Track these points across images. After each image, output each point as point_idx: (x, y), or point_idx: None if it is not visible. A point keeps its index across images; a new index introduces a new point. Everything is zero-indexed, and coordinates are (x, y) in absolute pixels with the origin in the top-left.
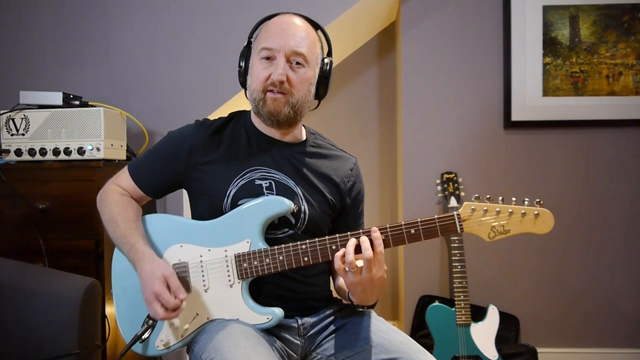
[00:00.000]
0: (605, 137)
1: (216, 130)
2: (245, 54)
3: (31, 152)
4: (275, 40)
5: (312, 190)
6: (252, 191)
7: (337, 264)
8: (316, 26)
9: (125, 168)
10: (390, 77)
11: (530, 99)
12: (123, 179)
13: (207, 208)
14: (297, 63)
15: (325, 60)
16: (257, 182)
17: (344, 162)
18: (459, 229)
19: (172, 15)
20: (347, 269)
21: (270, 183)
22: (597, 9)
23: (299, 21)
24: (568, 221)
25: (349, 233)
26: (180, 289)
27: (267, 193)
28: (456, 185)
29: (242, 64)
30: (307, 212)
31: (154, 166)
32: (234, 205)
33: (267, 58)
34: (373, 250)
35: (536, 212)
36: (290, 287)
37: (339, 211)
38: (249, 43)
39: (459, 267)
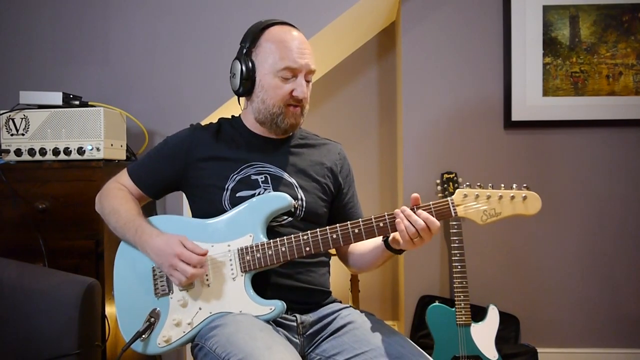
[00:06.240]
0: (605, 137)
1: (211, 131)
2: (245, 62)
3: (31, 152)
4: (297, 60)
5: (306, 178)
6: (249, 185)
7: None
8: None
9: (125, 170)
10: (390, 77)
11: (530, 99)
12: (123, 178)
13: (206, 203)
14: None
15: None
16: (253, 177)
17: (331, 148)
18: (453, 214)
19: (172, 16)
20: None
21: (265, 177)
22: (597, 9)
23: (301, 35)
24: (568, 221)
25: (348, 222)
26: (197, 246)
27: (263, 186)
28: (456, 185)
29: (244, 72)
30: (304, 199)
31: (153, 166)
32: (233, 198)
33: (290, 77)
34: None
35: (524, 195)
36: (289, 273)
37: (335, 194)
38: (249, 52)
39: (459, 267)
